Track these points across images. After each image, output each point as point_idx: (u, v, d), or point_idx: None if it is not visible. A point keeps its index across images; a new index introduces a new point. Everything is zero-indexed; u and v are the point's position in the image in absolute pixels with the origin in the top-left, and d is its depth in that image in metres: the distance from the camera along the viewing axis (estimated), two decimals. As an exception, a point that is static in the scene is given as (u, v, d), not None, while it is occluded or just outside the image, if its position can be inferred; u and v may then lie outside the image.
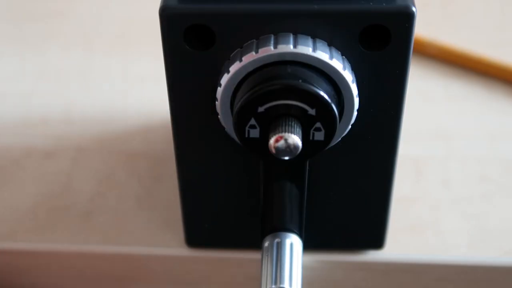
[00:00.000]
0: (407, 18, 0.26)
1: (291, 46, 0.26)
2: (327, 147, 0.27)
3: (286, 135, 0.25)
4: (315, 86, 0.25)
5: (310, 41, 0.26)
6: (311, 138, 0.26)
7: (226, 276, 0.36)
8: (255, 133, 0.26)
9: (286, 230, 0.31)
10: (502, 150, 0.41)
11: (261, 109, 0.26)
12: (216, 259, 0.35)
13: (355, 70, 0.27)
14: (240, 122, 0.26)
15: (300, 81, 0.25)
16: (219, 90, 0.27)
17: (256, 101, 0.25)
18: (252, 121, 0.26)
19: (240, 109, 0.26)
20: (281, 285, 0.29)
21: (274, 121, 0.25)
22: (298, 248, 0.31)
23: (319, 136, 0.26)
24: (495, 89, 0.46)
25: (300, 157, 0.25)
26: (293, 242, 0.31)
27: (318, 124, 0.26)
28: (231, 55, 0.27)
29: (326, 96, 0.25)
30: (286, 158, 0.25)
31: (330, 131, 0.26)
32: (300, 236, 0.31)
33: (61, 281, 0.37)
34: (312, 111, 0.25)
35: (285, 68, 0.26)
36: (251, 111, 0.26)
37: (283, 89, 0.25)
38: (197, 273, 0.36)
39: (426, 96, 0.45)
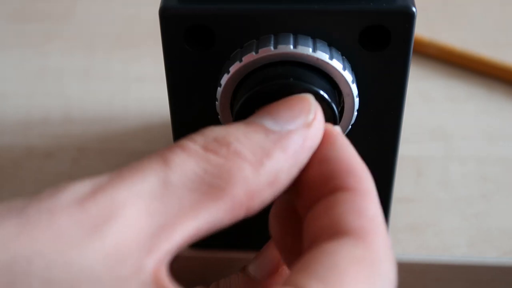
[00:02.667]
0: (407, 18, 0.26)
1: (291, 46, 0.26)
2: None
3: None
4: (307, 83, 0.25)
5: (310, 41, 0.26)
6: None
7: (222, 277, 0.36)
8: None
9: None
10: (502, 150, 0.41)
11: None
12: (216, 259, 0.35)
13: (355, 70, 0.27)
14: None
15: (292, 79, 0.25)
16: (219, 90, 0.27)
17: (252, 104, 0.25)
18: None
19: (238, 112, 0.26)
20: None
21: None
22: None
23: None
24: (495, 89, 0.46)
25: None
26: None
27: None
28: (231, 55, 0.27)
29: (318, 89, 0.25)
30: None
31: (331, 124, 0.26)
32: None
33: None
34: None
35: (275, 69, 0.26)
36: (249, 114, 0.26)
37: (276, 89, 0.25)
38: (197, 273, 0.36)
39: (426, 96, 0.45)
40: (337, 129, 0.23)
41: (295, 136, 0.21)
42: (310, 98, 0.23)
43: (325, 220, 0.21)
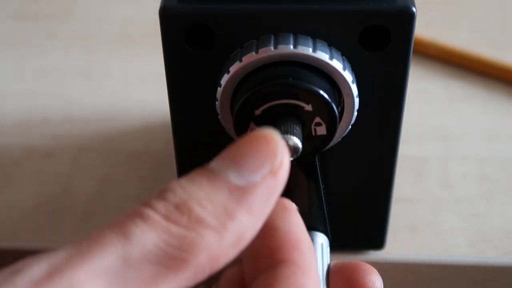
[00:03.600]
0: (407, 18, 0.26)
1: (291, 46, 0.26)
2: (332, 141, 0.27)
3: (286, 137, 0.25)
4: (307, 82, 0.25)
5: (310, 41, 0.26)
6: (313, 133, 0.26)
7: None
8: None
9: (313, 229, 0.30)
10: (502, 150, 0.41)
11: (258, 112, 0.25)
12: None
13: (355, 70, 0.27)
14: (240, 128, 0.26)
15: (291, 79, 0.25)
16: (219, 90, 0.27)
17: (252, 104, 0.25)
18: (252, 125, 0.26)
19: (237, 115, 0.26)
20: None
21: (273, 123, 0.25)
22: (327, 249, 0.29)
23: (322, 130, 0.26)
24: (495, 89, 0.46)
25: (307, 154, 0.25)
26: (323, 242, 0.30)
27: (317, 119, 0.26)
28: (231, 55, 0.27)
29: (318, 89, 0.25)
30: (290, 159, 0.25)
31: (331, 124, 0.26)
32: (327, 234, 0.31)
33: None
34: (308, 107, 0.25)
35: (275, 69, 0.26)
36: (248, 116, 0.26)
37: (276, 89, 0.25)
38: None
39: (426, 96, 0.45)
40: (293, 205, 0.24)
41: (260, 190, 0.21)
42: (276, 138, 0.22)
43: None
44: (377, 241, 0.34)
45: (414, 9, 0.26)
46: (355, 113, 0.28)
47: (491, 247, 0.35)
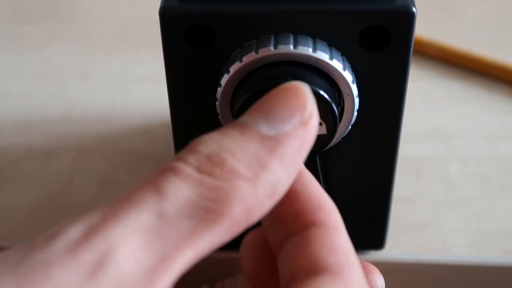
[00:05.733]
0: (407, 18, 0.26)
1: (291, 47, 0.26)
2: (332, 141, 0.27)
3: None
4: (306, 82, 0.25)
5: (310, 41, 0.26)
6: None
7: (227, 277, 0.36)
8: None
9: None
10: (502, 150, 0.41)
11: None
12: (222, 259, 0.35)
13: (355, 70, 0.27)
14: None
15: (291, 79, 0.25)
16: (219, 90, 0.27)
17: (252, 104, 0.25)
18: None
19: (238, 113, 0.26)
20: None
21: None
22: None
23: (322, 130, 0.26)
24: (495, 89, 0.46)
25: (307, 153, 0.25)
26: None
27: None
28: (231, 55, 0.27)
29: (318, 89, 0.25)
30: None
31: (331, 124, 0.26)
32: None
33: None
34: None
35: (275, 69, 0.26)
36: None
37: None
38: (197, 273, 0.36)
39: (426, 96, 0.45)
40: (303, 166, 0.23)
41: (292, 140, 0.21)
42: (305, 90, 0.22)
43: (301, 257, 0.21)
44: (377, 241, 0.34)
45: (414, 9, 0.26)
46: (355, 113, 0.28)
47: (491, 247, 0.35)
